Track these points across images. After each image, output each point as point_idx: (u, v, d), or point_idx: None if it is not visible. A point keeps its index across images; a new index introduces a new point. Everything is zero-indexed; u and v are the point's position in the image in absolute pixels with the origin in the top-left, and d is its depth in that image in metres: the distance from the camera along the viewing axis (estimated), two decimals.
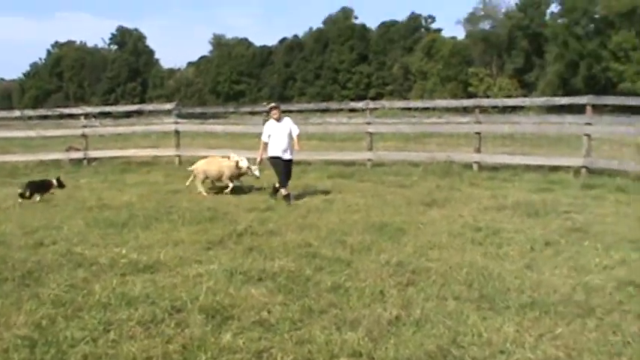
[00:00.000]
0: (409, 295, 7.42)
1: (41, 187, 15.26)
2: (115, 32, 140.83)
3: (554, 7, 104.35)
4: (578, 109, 18.86)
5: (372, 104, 21.88)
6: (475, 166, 18.93)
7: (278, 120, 14.91)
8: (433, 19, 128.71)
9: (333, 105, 30.18)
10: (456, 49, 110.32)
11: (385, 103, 27.99)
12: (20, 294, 7.66)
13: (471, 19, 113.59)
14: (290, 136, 14.80)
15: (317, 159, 21.13)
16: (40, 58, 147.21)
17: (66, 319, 6.78)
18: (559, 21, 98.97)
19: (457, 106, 26.87)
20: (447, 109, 32.41)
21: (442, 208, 13.09)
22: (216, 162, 16.14)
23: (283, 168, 14.64)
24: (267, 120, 15.34)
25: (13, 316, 6.88)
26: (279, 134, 14.77)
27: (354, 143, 24.86)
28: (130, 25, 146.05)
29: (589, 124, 17.63)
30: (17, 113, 32.18)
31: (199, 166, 15.96)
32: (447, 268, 8.46)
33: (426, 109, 40.54)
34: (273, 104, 15.52)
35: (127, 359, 5.76)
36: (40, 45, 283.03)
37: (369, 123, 20.80)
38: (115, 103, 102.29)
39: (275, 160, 14.78)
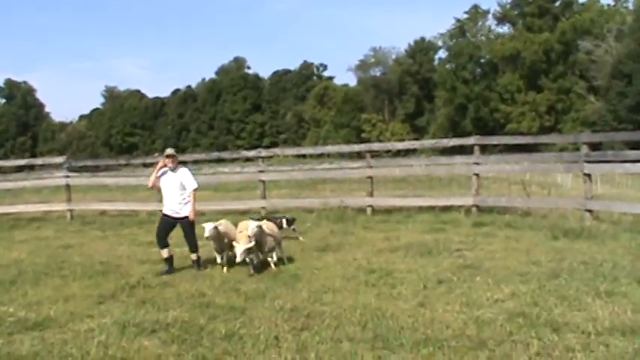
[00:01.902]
0: (304, 339, 7.40)
1: None
2: (2, 85, 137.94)
3: (441, 53, 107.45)
4: (468, 150, 19.32)
5: (264, 152, 21.91)
6: (369, 210, 19.09)
7: (173, 170, 12.60)
8: (325, 67, 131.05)
9: (226, 155, 30.02)
10: (348, 96, 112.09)
11: (277, 150, 28.01)
12: None
13: (362, 66, 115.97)
14: (183, 189, 12.53)
15: (211, 209, 20.96)
16: None
17: None
18: (447, 66, 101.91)
19: (349, 151, 27.17)
20: (340, 155, 32.83)
21: (336, 253, 13.14)
22: None
23: (172, 227, 12.71)
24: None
25: None
26: (170, 187, 12.65)
27: (249, 192, 24.81)
28: (18, 78, 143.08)
29: (477, 163, 18.07)
30: None
31: None
32: (342, 311, 8.49)
33: (320, 155, 41.06)
34: (169, 151, 12.84)
35: None
36: None
37: (262, 171, 20.79)
38: (5, 158, 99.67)
39: (163, 219, 12.79)
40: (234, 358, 6.89)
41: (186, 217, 12.54)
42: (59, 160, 23.94)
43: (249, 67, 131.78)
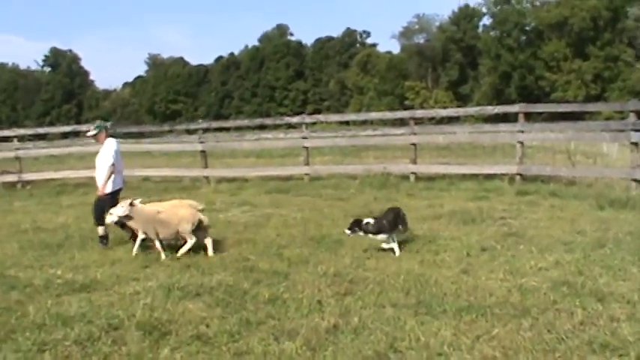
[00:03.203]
0: (347, 304, 7.45)
1: None
2: (48, 54, 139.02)
3: (486, 20, 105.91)
4: (512, 118, 19.13)
5: (308, 119, 21.94)
6: (412, 177, 19.08)
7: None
8: (368, 34, 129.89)
9: (269, 121, 30.24)
10: (391, 64, 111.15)
11: (321, 117, 28.03)
12: None
13: (406, 33, 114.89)
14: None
15: (254, 175, 21.12)
16: None
17: None
18: (491, 33, 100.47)
19: (392, 118, 26.92)
20: (383, 122, 32.54)
21: None
22: None
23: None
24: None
25: None
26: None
27: (292, 159, 24.89)
28: (63, 47, 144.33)
29: (521, 131, 17.89)
30: None
31: None
32: (385, 277, 8.52)
33: (363, 122, 40.88)
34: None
35: None
36: None
37: (305, 137, 20.85)
38: (50, 125, 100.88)
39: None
40: (277, 322, 6.93)
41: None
42: None
43: (291, 34, 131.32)
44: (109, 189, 11.95)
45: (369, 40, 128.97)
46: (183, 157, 27.12)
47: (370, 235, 10.13)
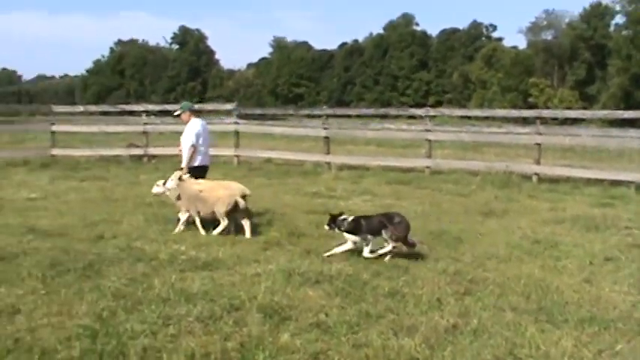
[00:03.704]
0: (466, 304, 7.40)
1: None
2: (176, 32, 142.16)
3: (618, 19, 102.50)
4: None
5: (432, 111, 21.85)
6: (534, 178, 18.72)
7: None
8: (494, 27, 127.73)
9: (392, 111, 30.15)
10: (517, 59, 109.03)
11: (445, 110, 27.80)
12: (82, 285, 7.83)
13: (533, 29, 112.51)
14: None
15: (376, 164, 21.14)
16: (103, 56, 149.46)
17: (126, 311, 6.90)
18: (623, 33, 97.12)
19: (517, 116, 26.48)
20: (507, 119, 32.07)
21: (500, 219, 12.99)
22: None
23: None
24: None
25: (76, 306, 7.04)
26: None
27: (413, 150, 24.80)
28: (191, 26, 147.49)
29: None
30: (81, 108, 32.83)
31: None
32: (505, 279, 8.41)
33: (485, 118, 40.34)
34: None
35: (186, 354, 5.80)
36: (104, 43, 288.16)
37: (429, 130, 20.73)
38: (175, 102, 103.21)
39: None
40: (396, 317, 6.93)
41: None
42: (229, 106, 24.69)
43: (417, 24, 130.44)
44: (193, 164, 12.79)
45: (494, 34, 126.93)
46: (303, 142, 27.34)
47: (345, 234, 9.74)
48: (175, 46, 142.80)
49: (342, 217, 9.83)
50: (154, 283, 7.83)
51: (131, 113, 27.37)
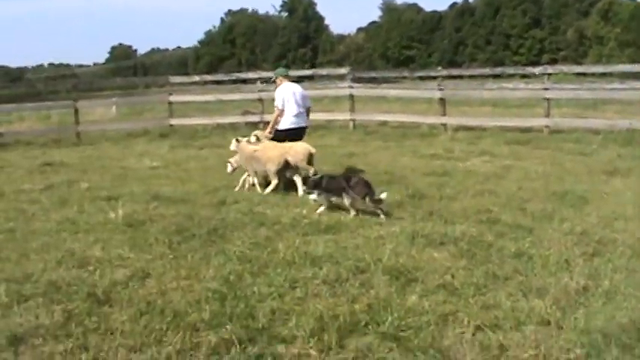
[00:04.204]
0: (596, 265, 7.15)
1: None
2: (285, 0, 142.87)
3: None
4: None
5: (550, 69, 21.24)
6: None
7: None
8: None
9: (509, 70, 29.44)
10: (636, 12, 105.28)
11: (563, 67, 27.00)
12: (207, 250, 7.96)
13: None
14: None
15: (492, 125, 20.77)
16: (214, 26, 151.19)
17: (252, 275, 6.97)
18: None
19: (638, 71, 25.42)
20: (627, 75, 30.88)
21: (625, 178, 12.50)
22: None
23: None
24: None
25: (203, 270, 7.16)
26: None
27: (529, 109, 24.25)
28: None
29: None
30: (196, 78, 33.37)
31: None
32: (635, 240, 8.06)
33: (603, 74, 39.04)
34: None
35: (314, 316, 5.80)
36: (215, 14, 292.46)
37: (547, 89, 20.16)
38: (288, 68, 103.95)
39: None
40: (524, 278, 6.77)
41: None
42: (343, 71, 24.76)
43: None
44: (282, 127, 13.24)
45: None
46: (417, 104, 27.09)
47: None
48: (284, 14, 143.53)
49: (312, 177, 10.45)
50: (278, 247, 7.89)
51: (244, 82, 27.56)
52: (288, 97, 13.19)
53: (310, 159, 12.04)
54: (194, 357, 5.23)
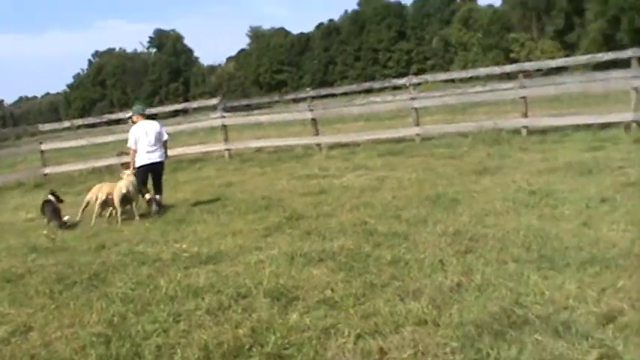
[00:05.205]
0: (469, 261, 7.43)
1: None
2: (152, 35, 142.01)
3: None
4: (624, 65, 18.62)
5: (415, 79, 21.88)
6: (524, 131, 18.79)
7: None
8: None
9: (377, 84, 29.99)
10: (494, 17, 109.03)
11: (428, 77, 27.68)
12: (90, 295, 7.86)
13: None
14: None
15: (365, 139, 21.20)
16: (82, 69, 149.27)
17: (136, 314, 6.95)
18: None
19: (500, 72, 26.41)
20: (490, 77, 31.98)
21: (494, 176, 13.04)
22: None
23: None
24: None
25: (86, 315, 7.07)
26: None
27: (401, 120, 24.80)
28: (166, 27, 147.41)
29: (636, 77, 17.38)
30: (67, 124, 32.83)
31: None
32: (504, 233, 8.43)
33: (469, 79, 40.24)
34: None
35: (199, 347, 5.85)
36: (81, 56, 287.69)
37: (414, 98, 20.73)
38: (159, 104, 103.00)
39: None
40: (401, 283, 6.97)
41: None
42: (214, 101, 24.81)
43: None
44: (137, 164, 13.97)
45: None
46: (291, 127, 27.36)
47: None
48: (153, 50, 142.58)
49: None
50: (160, 284, 7.87)
51: (118, 122, 27.29)
52: (139, 136, 13.88)
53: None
54: None
